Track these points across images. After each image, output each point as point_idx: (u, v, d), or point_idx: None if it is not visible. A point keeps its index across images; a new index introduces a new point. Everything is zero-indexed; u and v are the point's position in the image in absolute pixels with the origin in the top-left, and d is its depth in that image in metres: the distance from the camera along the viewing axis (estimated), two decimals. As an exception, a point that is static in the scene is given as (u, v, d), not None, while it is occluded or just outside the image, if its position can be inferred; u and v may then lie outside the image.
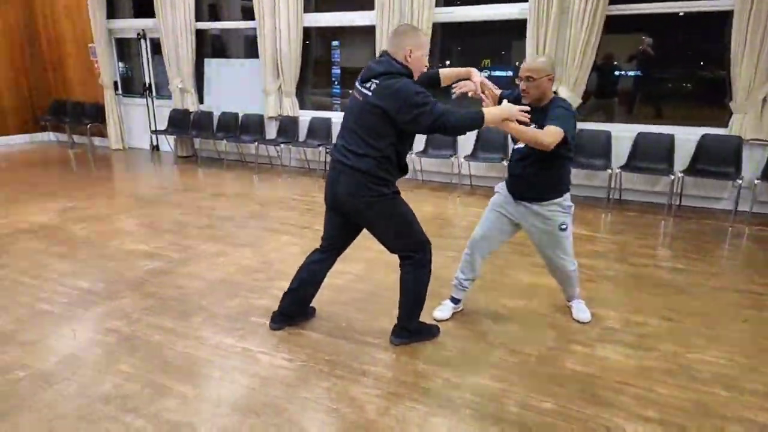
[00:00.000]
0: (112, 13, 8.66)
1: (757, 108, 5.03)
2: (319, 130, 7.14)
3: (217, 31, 8.33)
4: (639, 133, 5.53)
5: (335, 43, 7.46)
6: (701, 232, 4.70)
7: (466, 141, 6.20)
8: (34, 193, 5.84)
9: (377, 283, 3.50)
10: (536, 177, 2.62)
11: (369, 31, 6.63)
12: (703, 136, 5.27)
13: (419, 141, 6.44)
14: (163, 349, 2.66)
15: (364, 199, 2.40)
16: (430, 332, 2.79)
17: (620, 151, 5.56)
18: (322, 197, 2.62)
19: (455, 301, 3.06)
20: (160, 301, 3.20)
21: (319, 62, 7.73)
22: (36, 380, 2.38)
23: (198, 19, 7.84)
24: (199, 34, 7.97)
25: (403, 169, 2.51)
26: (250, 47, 7.96)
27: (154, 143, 8.84)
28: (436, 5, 6.15)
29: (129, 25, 8.62)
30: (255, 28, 7.25)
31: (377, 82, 2.32)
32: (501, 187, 2.87)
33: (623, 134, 5.60)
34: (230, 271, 3.67)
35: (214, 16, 8.29)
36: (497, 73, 6.58)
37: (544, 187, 2.64)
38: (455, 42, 6.88)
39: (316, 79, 7.86)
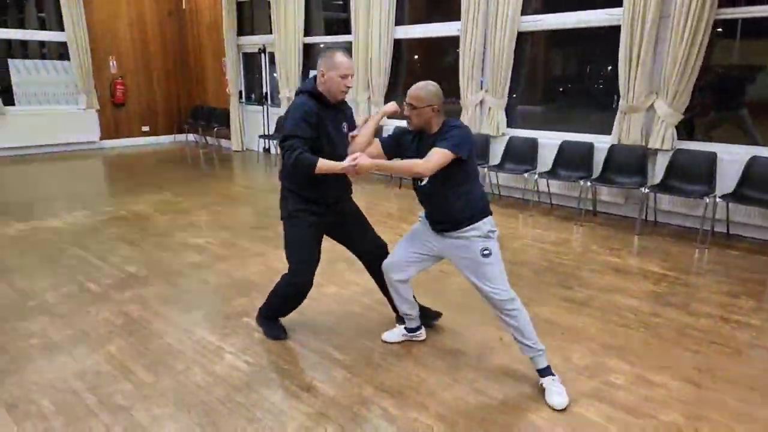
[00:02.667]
0: (241, 30, 9.68)
1: None
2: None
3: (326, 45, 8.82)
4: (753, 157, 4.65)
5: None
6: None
7: (547, 158, 5.78)
8: (151, 185, 6.77)
9: (383, 299, 3.43)
10: (445, 206, 2.45)
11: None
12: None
13: (496, 156, 6.16)
14: (152, 337, 2.93)
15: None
16: (271, 330, 2.92)
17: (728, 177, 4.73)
18: (382, 206, 2.86)
19: (410, 330, 2.90)
20: (179, 293, 3.52)
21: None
22: (44, 348, 2.79)
23: (307, 34, 8.41)
24: (309, 47, 8.54)
25: (311, 179, 2.55)
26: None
27: (266, 146, 9.65)
28: (523, 13, 5.83)
29: (253, 41, 9.54)
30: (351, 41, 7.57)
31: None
32: (423, 215, 2.66)
33: (731, 157, 4.76)
34: (255, 272, 3.89)
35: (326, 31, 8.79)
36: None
37: (456, 214, 2.43)
38: (545, 52, 6.44)
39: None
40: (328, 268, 3.93)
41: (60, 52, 9.53)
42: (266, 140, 9.40)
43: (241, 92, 9.89)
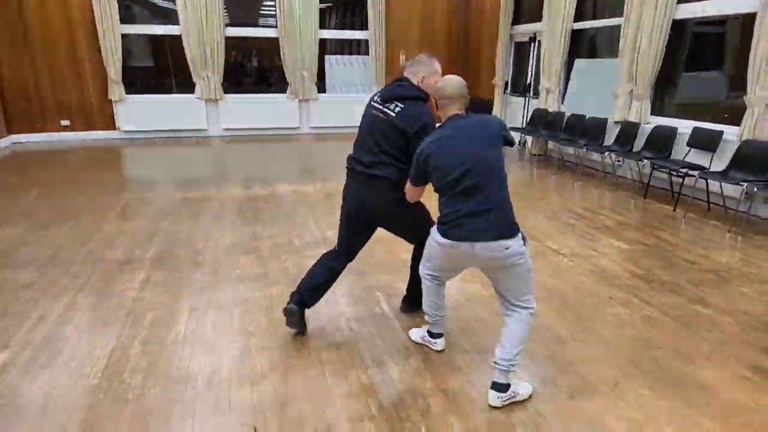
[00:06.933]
0: (517, 18, 9.69)
1: None
2: (656, 142, 6.19)
3: (594, 31, 8.14)
4: None
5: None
6: None
7: None
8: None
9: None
10: None
11: None
12: None
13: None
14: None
15: (392, 203, 2.72)
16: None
17: None
18: (610, 216, 2.91)
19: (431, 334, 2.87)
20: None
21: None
22: (238, 279, 3.73)
23: (577, 19, 7.91)
24: (578, 33, 8.04)
25: None
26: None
27: (521, 140, 9.52)
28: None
29: (525, 29, 9.46)
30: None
31: (402, 105, 2.63)
32: None
33: None
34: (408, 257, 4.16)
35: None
36: None
37: None
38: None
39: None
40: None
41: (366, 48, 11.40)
42: (521, 133, 9.29)
43: (507, 83, 9.99)
